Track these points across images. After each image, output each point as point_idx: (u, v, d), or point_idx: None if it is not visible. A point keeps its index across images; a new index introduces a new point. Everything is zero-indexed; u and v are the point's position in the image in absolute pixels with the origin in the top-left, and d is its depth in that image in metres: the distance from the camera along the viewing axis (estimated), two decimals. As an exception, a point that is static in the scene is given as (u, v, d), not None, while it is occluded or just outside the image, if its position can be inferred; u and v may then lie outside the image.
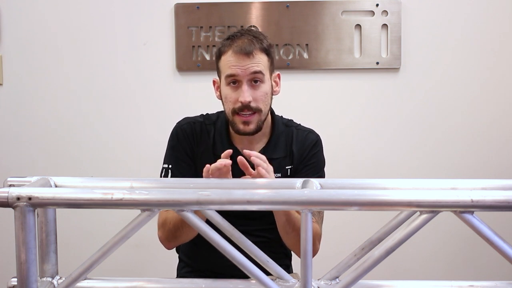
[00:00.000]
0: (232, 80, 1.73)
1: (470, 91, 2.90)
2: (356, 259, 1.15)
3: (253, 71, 1.71)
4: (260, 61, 1.72)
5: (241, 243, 1.16)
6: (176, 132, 1.86)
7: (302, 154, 1.85)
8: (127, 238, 1.07)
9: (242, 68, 1.71)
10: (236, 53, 1.71)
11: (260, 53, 1.73)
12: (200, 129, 1.84)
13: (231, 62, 1.72)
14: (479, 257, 2.91)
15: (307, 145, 1.85)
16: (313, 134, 1.89)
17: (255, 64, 1.71)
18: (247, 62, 1.71)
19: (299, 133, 1.87)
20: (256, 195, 1.03)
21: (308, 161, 1.85)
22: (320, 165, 1.88)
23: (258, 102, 1.73)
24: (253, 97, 1.72)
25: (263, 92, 1.73)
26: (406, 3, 2.85)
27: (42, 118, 2.90)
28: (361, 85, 2.90)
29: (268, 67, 1.76)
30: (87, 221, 2.90)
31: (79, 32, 2.87)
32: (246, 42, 1.72)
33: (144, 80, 2.89)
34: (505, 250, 1.05)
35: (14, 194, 1.01)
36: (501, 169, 2.90)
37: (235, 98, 1.72)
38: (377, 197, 1.04)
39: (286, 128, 1.86)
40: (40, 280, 1.13)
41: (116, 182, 1.20)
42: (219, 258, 1.48)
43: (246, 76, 1.71)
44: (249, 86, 1.72)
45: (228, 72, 1.72)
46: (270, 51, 1.77)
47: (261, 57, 1.73)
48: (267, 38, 1.79)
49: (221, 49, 1.76)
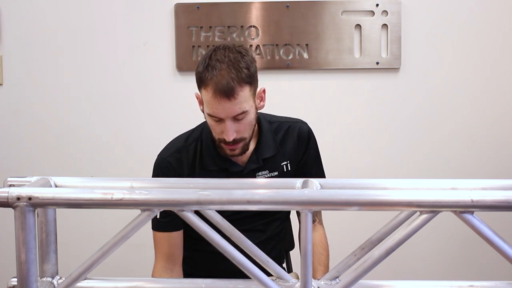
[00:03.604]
0: (215, 119, 1.67)
1: (470, 91, 2.90)
2: (356, 259, 1.15)
3: (236, 114, 1.65)
4: (242, 99, 1.63)
5: (241, 243, 1.16)
6: (159, 167, 1.81)
7: (300, 146, 1.86)
8: (127, 238, 1.07)
9: (224, 112, 1.64)
10: (217, 95, 1.61)
11: (241, 89, 1.63)
12: (187, 155, 1.80)
13: (212, 103, 1.64)
14: (479, 257, 2.91)
15: (303, 137, 1.87)
16: (303, 124, 1.89)
17: (237, 106, 1.63)
18: (229, 105, 1.62)
19: (290, 126, 1.86)
20: (256, 195, 1.03)
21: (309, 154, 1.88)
22: (318, 152, 1.92)
23: (242, 133, 1.69)
24: (237, 131, 1.67)
25: (246, 123, 1.68)
26: (406, 3, 2.85)
27: (42, 118, 2.90)
28: (361, 85, 2.90)
29: (251, 95, 1.68)
30: (87, 221, 2.91)
31: (79, 32, 2.87)
32: (226, 78, 1.61)
33: (144, 80, 2.89)
34: (505, 250, 1.05)
35: (14, 194, 1.01)
36: (501, 169, 2.90)
37: (219, 131, 1.68)
38: (377, 197, 1.04)
39: (270, 125, 1.85)
40: (40, 280, 1.13)
41: (116, 182, 1.19)
42: (218, 266, 1.49)
43: (228, 117, 1.65)
44: (233, 122, 1.66)
45: (210, 112, 1.66)
46: (251, 77, 1.66)
47: (242, 94, 1.63)
48: (247, 57, 1.67)
49: (202, 78, 1.65)
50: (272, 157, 1.82)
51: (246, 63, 1.65)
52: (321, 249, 1.86)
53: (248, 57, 1.68)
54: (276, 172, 1.83)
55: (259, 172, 1.82)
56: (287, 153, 1.85)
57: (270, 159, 1.82)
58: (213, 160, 1.78)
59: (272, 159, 1.83)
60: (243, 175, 1.79)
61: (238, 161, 1.79)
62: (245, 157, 1.79)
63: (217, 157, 1.78)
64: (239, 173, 1.79)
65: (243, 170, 1.79)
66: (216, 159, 1.78)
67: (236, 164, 1.79)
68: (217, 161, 1.78)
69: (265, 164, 1.82)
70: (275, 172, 1.83)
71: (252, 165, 1.80)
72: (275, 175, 1.83)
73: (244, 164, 1.80)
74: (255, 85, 1.70)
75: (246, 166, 1.80)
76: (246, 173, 1.80)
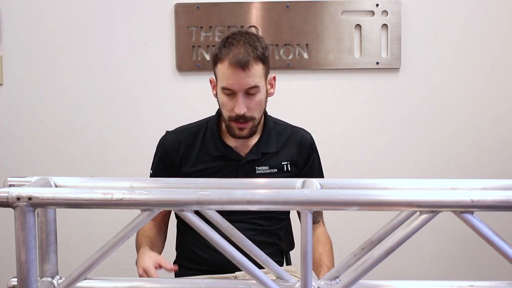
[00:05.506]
0: (228, 92, 1.77)
1: (470, 91, 2.90)
2: (356, 259, 1.14)
3: (249, 86, 1.75)
4: (255, 73, 1.74)
5: (241, 243, 1.16)
6: (159, 143, 1.94)
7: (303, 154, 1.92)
8: (127, 238, 1.07)
9: (238, 83, 1.74)
10: (232, 66, 1.73)
11: (255, 64, 1.74)
12: (187, 136, 1.90)
13: (227, 74, 1.74)
14: (479, 257, 2.91)
15: (306, 145, 1.93)
16: (307, 132, 1.97)
17: (250, 78, 1.74)
18: (243, 76, 1.73)
19: (294, 131, 1.94)
20: (256, 195, 1.03)
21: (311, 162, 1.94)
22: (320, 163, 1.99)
23: (253, 111, 1.78)
24: (248, 107, 1.76)
25: (257, 101, 1.78)
26: (406, 3, 2.85)
27: (42, 118, 2.90)
28: (361, 85, 2.90)
29: (264, 74, 1.79)
30: (87, 221, 2.90)
31: (79, 32, 2.87)
32: (242, 52, 1.73)
33: (144, 80, 2.89)
34: (505, 250, 1.05)
35: (14, 194, 1.01)
36: (501, 169, 2.90)
37: (231, 107, 1.77)
38: (377, 197, 1.04)
39: (275, 125, 1.93)
40: (40, 280, 1.13)
41: (116, 182, 1.19)
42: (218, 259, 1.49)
43: (241, 90, 1.75)
44: (244, 97, 1.76)
45: (224, 84, 1.76)
46: (265, 57, 1.78)
47: (256, 68, 1.75)
48: (262, 42, 1.80)
49: (218, 55, 1.77)
50: (272, 155, 1.88)
51: (261, 45, 1.78)
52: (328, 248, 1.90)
53: (263, 42, 1.80)
54: (276, 169, 1.88)
55: (258, 167, 1.87)
56: (288, 155, 1.91)
57: (270, 156, 1.88)
58: (216, 145, 1.86)
59: (273, 157, 1.89)
60: (241, 165, 1.86)
61: (239, 150, 1.87)
62: (246, 148, 1.87)
63: (220, 142, 1.86)
64: (237, 162, 1.86)
65: (241, 159, 1.86)
66: (219, 144, 1.86)
67: (236, 153, 1.86)
68: (219, 146, 1.86)
69: (265, 160, 1.88)
70: (275, 169, 1.88)
71: (252, 156, 1.86)
72: (274, 172, 1.87)
73: (245, 155, 1.87)
74: (267, 67, 1.81)
75: (245, 157, 1.86)
76: (244, 163, 1.86)
